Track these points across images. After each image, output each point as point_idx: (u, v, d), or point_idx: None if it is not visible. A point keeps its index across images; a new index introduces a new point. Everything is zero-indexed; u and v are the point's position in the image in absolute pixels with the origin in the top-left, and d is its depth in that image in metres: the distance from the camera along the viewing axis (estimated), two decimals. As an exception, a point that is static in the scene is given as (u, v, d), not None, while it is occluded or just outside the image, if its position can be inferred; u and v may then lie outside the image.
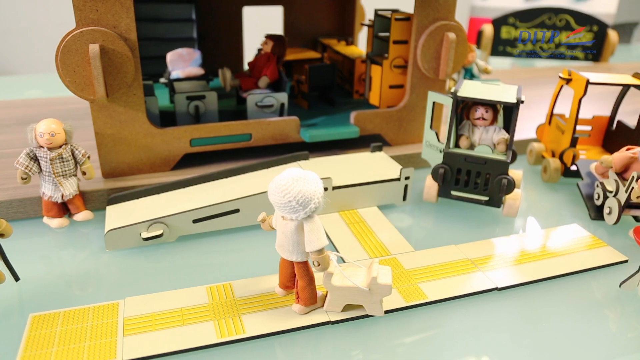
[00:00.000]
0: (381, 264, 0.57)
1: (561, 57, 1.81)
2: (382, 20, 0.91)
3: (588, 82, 0.80)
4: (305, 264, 0.50)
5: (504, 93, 0.72)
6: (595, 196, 0.77)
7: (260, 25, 1.52)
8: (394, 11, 0.90)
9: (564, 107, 0.92)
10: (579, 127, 0.95)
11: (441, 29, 0.81)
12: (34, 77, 1.64)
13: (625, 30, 2.80)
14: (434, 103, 0.77)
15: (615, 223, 0.71)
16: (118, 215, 0.65)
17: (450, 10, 0.82)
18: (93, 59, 0.65)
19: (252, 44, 1.22)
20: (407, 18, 0.84)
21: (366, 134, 0.87)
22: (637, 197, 0.69)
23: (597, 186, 0.76)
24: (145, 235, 0.63)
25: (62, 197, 0.67)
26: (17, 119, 1.03)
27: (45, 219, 0.69)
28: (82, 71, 0.66)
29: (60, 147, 0.65)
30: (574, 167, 0.85)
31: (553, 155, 0.88)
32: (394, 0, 0.93)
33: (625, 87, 0.89)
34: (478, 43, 1.77)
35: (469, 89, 0.72)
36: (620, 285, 0.58)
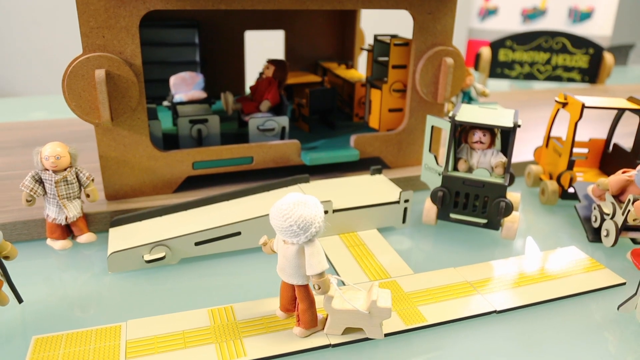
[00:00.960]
0: (381, 287, 0.57)
1: (558, 79, 1.84)
2: (381, 45, 0.93)
3: (584, 106, 0.82)
4: (306, 287, 0.51)
5: (501, 117, 0.73)
6: (593, 218, 0.77)
7: (261, 49, 1.54)
8: (393, 36, 0.92)
9: (560, 130, 0.94)
10: (575, 150, 0.96)
11: (439, 54, 0.83)
12: (38, 99, 1.66)
13: (621, 52, 2.84)
14: (432, 127, 0.78)
15: (613, 245, 0.72)
16: (121, 237, 0.66)
17: (448, 36, 0.84)
18: (99, 84, 0.66)
19: (253, 68, 1.24)
20: (406, 43, 0.86)
21: (366, 156, 0.88)
22: (634, 220, 0.69)
23: (595, 208, 0.77)
24: (147, 257, 0.64)
25: (66, 219, 0.67)
26: (21, 141, 1.04)
27: (49, 241, 0.69)
28: (87, 96, 0.68)
29: (65, 170, 0.66)
30: (571, 190, 0.86)
31: (551, 178, 0.89)
32: (393, 25, 0.95)
33: (621, 111, 0.90)
34: (476, 65, 1.79)
35: (467, 113, 0.74)
36: (618, 308, 0.58)
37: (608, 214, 0.74)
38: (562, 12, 2.94)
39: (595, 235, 0.76)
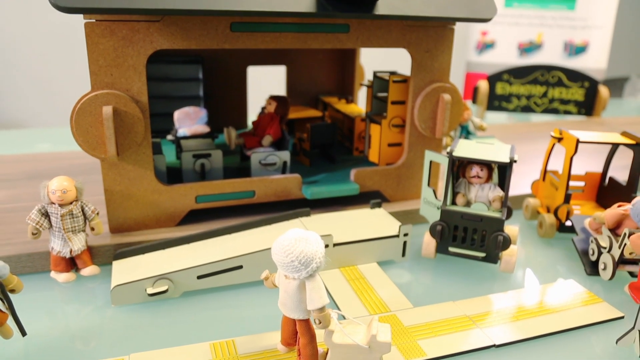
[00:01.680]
0: (381, 321, 0.58)
1: (555, 111, 1.87)
2: (380, 82, 0.96)
3: (578, 141, 0.83)
4: (306, 322, 0.51)
5: (498, 152, 0.75)
6: (590, 252, 0.78)
7: (263, 84, 1.58)
8: (392, 73, 0.94)
9: (557, 163, 0.95)
10: (572, 183, 0.97)
11: (437, 91, 0.85)
12: (43, 130, 1.68)
13: (616, 85, 2.88)
14: (430, 162, 0.80)
15: (611, 278, 0.73)
16: (124, 270, 0.67)
17: (445, 73, 0.86)
18: (106, 120, 0.68)
19: (255, 102, 1.27)
20: (404, 80, 0.89)
21: (366, 190, 0.89)
22: (630, 254, 0.70)
23: (592, 242, 0.78)
24: (150, 291, 0.64)
25: (71, 252, 0.69)
26: (27, 173, 1.06)
27: (53, 274, 0.70)
28: (95, 131, 0.70)
29: (71, 203, 0.68)
30: (568, 223, 0.87)
31: (548, 211, 0.90)
32: (391, 61, 0.98)
33: (615, 145, 0.92)
34: (474, 98, 1.82)
35: (464, 149, 0.75)
36: (617, 342, 0.59)
37: (605, 247, 0.75)
38: (558, 46, 2.99)
39: (593, 268, 0.77)
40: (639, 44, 3.91)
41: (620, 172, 0.98)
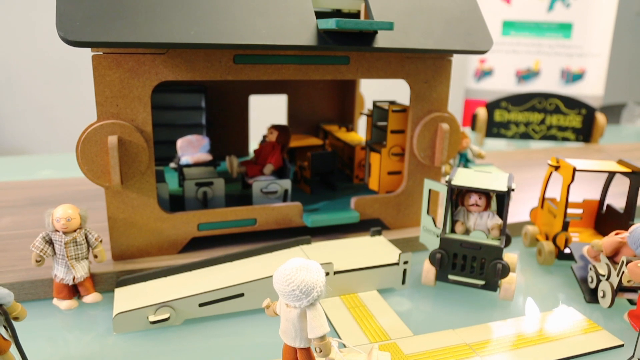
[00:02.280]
0: (381, 349, 0.58)
1: (553, 138, 1.88)
2: (380, 111, 0.98)
3: (575, 170, 0.85)
4: (307, 350, 0.52)
5: (496, 181, 0.76)
6: (589, 279, 0.79)
7: (265, 112, 1.60)
8: (391, 102, 0.96)
9: (555, 190, 0.96)
10: (570, 210, 0.98)
11: (435, 120, 0.87)
12: (47, 157, 1.70)
13: (613, 111, 2.92)
14: (430, 190, 0.81)
15: (610, 306, 0.73)
16: (126, 297, 0.67)
17: (443, 103, 0.88)
18: (111, 149, 0.70)
19: (257, 130, 1.29)
20: (403, 110, 0.90)
21: (366, 218, 0.90)
22: (629, 281, 0.71)
23: (591, 269, 0.79)
24: (152, 318, 0.65)
25: (74, 279, 0.69)
26: (30, 200, 1.07)
27: (55, 301, 0.71)
28: (99, 160, 0.71)
29: (75, 231, 0.69)
30: (567, 251, 0.88)
31: (547, 238, 0.91)
32: (390, 90, 1.00)
33: (612, 173, 0.93)
34: (473, 125, 1.85)
35: (463, 177, 0.77)
36: (615, 371, 0.59)
37: (603, 275, 0.75)
38: (555, 73, 3.03)
39: (592, 296, 0.77)
40: (635, 71, 3.97)
41: (618, 199, 0.99)
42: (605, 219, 0.97)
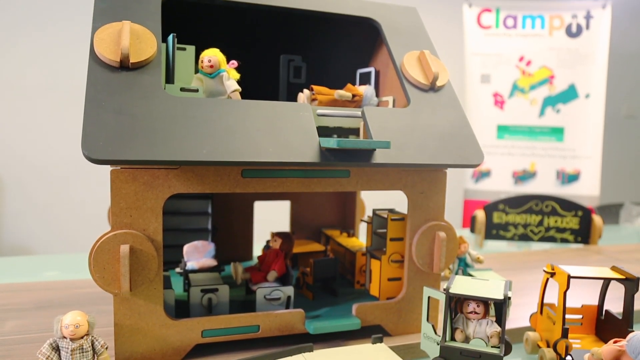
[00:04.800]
0: None
1: (552, 240, 1.91)
2: (379, 219, 1.02)
3: (569, 277, 0.87)
4: None
5: (493, 288, 0.78)
6: (593, 389, 0.78)
7: (269, 217, 1.65)
8: (390, 211, 1.01)
9: (554, 294, 0.97)
10: (569, 316, 0.99)
11: (432, 229, 0.91)
12: (51, 257, 1.72)
13: (611, 211, 2.97)
14: (429, 297, 0.83)
15: (614, 419, 0.72)
16: (129, 409, 0.67)
17: (440, 212, 0.93)
18: (123, 258, 0.73)
19: (261, 234, 1.32)
20: (402, 218, 0.95)
21: (367, 324, 0.92)
22: (631, 392, 0.71)
23: (593, 379, 0.78)
24: None
25: (78, 387, 0.70)
26: (36, 303, 1.08)
27: (59, 409, 0.71)
28: (110, 268, 0.74)
29: (82, 337, 0.70)
30: (569, 358, 0.87)
31: (548, 345, 0.91)
32: (390, 198, 1.05)
33: (607, 280, 0.96)
34: (472, 227, 1.88)
35: (461, 285, 0.79)
36: None
37: (606, 385, 0.75)
38: (551, 174, 3.12)
39: (595, 407, 0.77)
40: (630, 172, 4.08)
41: (616, 303, 1.00)
42: (605, 325, 0.97)
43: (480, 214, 1.88)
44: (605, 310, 0.98)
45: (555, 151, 3.05)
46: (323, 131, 0.88)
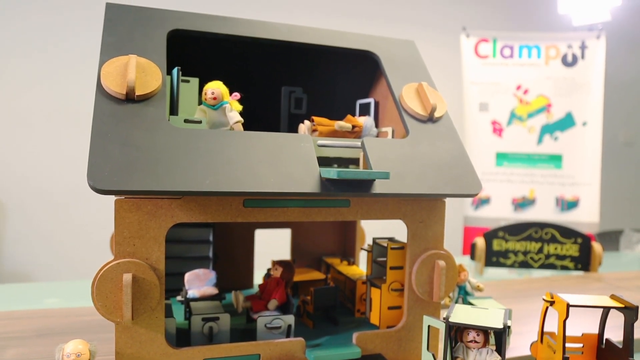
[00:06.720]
0: None
1: (552, 267, 1.91)
2: (379, 248, 1.03)
3: (569, 305, 0.88)
4: None
5: (493, 317, 0.79)
6: (593, 420, 0.78)
7: (269, 244, 1.65)
8: (390, 239, 1.02)
9: (554, 323, 0.98)
10: (570, 345, 0.99)
11: (432, 257, 0.92)
12: (52, 284, 1.72)
13: (611, 238, 2.97)
14: (429, 326, 0.84)
15: None
16: None
17: (439, 241, 0.94)
18: (125, 287, 0.74)
19: (261, 262, 1.33)
20: (402, 247, 0.96)
21: (368, 353, 0.92)
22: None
23: (594, 409, 0.78)
24: None
25: (78, 418, 0.70)
26: (37, 331, 1.08)
27: None
28: (113, 297, 0.75)
29: (83, 367, 0.71)
30: (570, 388, 0.87)
31: (549, 375, 0.91)
32: (389, 226, 1.06)
33: (607, 309, 0.96)
34: (472, 255, 1.89)
35: (460, 314, 0.80)
36: None
37: (606, 416, 0.75)
38: (550, 201, 3.13)
39: None
40: (629, 198, 4.09)
41: (616, 331, 1.00)
42: (605, 354, 0.97)
43: (480, 242, 1.88)
44: (606, 339, 0.98)
45: (554, 178, 3.07)
46: (323, 161, 0.90)
